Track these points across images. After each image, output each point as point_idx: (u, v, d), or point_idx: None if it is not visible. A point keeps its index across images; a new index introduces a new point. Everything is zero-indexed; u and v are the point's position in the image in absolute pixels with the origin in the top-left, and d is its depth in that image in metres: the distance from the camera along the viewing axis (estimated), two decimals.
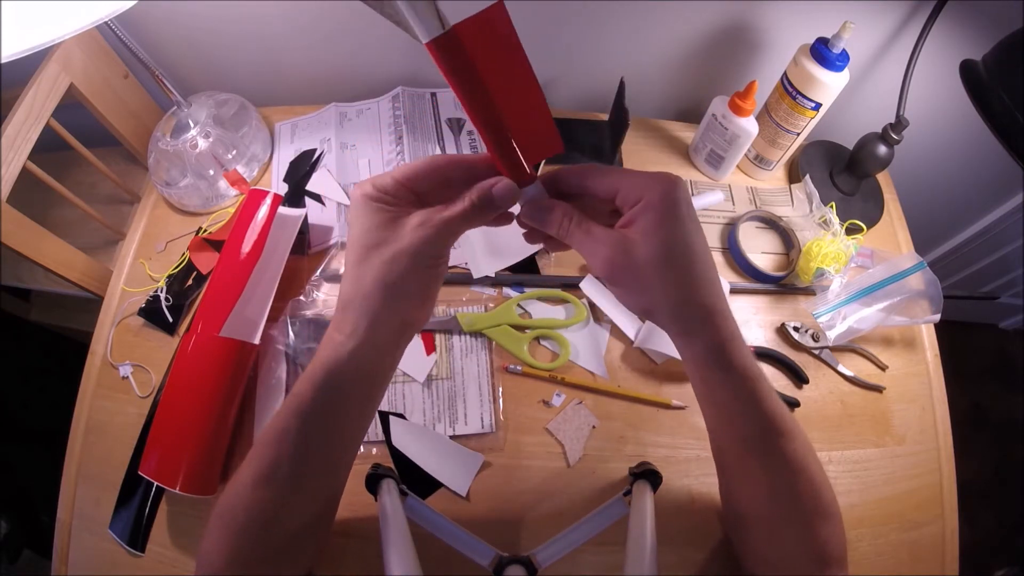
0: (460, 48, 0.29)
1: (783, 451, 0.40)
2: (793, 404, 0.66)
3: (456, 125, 0.80)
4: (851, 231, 0.73)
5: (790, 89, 0.69)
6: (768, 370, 0.68)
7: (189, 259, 0.69)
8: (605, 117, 0.84)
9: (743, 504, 0.47)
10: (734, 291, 0.71)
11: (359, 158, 0.77)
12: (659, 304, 0.35)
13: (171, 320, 0.66)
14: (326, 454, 0.40)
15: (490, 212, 0.34)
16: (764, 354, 0.68)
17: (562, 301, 0.69)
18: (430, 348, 0.66)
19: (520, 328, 0.66)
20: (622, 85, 0.76)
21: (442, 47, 0.29)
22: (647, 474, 0.54)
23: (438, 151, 0.77)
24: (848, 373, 0.68)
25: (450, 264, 0.69)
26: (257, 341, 0.61)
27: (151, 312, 0.66)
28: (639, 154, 0.82)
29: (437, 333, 0.66)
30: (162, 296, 0.66)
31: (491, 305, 0.68)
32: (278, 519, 0.39)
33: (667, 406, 0.64)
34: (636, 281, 0.34)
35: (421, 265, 0.34)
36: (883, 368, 0.69)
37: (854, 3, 0.68)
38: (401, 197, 0.35)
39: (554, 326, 0.67)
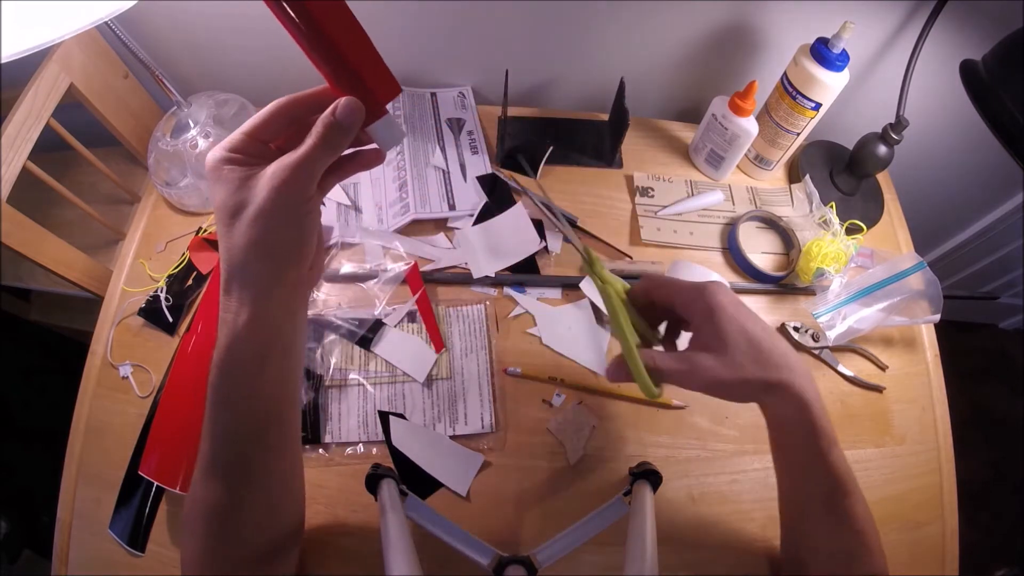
0: None
1: (848, 512, 0.43)
2: None
3: (456, 125, 0.80)
4: (851, 231, 0.73)
5: (790, 89, 0.69)
6: None
7: (189, 259, 0.69)
8: (605, 117, 0.84)
9: (802, 558, 0.49)
10: (734, 291, 0.71)
11: None
12: (747, 393, 0.42)
13: (171, 320, 0.66)
14: (257, 437, 0.39)
15: (340, 140, 0.33)
16: None
17: None
18: (439, 345, 0.65)
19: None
20: (622, 85, 0.76)
21: None
22: (647, 474, 0.54)
23: (438, 151, 0.77)
24: (848, 373, 0.68)
25: (450, 264, 0.70)
26: None
27: (151, 312, 0.66)
28: (639, 154, 0.82)
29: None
30: (162, 296, 0.66)
31: (489, 305, 0.68)
32: (233, 513, 0.39)
33: (667, 406, 0.64)
34: (724, 384, 0.41)
35: (286, 218, 0.32)
36: (883, 368, 0.69)
37: (854, 3, 0.68)
38: (254, 152, 0.34)
39: None
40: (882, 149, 0.71)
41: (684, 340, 0.46)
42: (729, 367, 0.40)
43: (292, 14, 0.31)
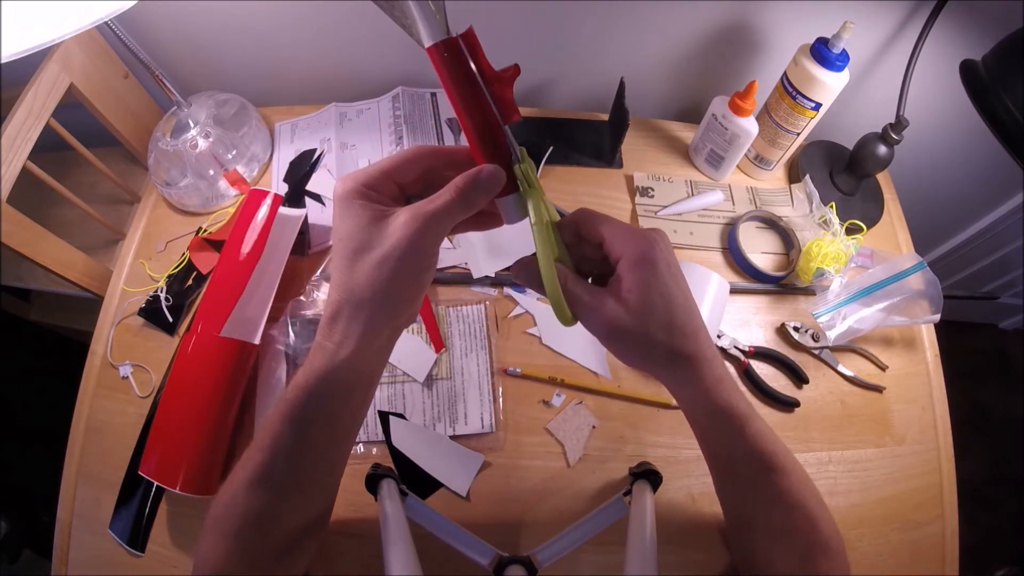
0: (461, 53, 0.31)
1: (777, 487, 0.40)
2: (793, 404, 0.66)
3: (456, 126, 0.80)
4: (851, 231, 0.73)
5: (790, 89, 0.69)
6: (768, 370, 0.68)
7: (189, 259, 0.69)
8: (605, 117, 0.84)
9: (743, 537, 0.47)
10: (734, 291, 0.71)
11: (359, 158, 0.77)
12: (647, 358, 0.37)
13: (171, 320, 0.66)
14: (319, 458, 0.40)
15: (476, 200, 0.33)
16: (764, 354, 0.68)
17: None
18: (439, 345, 0.65)
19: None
20: (622, 85, 0.76)
21: (445, 51, 0.31)
22: (647, 474, 0.54)
23: None
24: (848, 373, 0.68)
25: (450, 264, 0.70)
26: (257, 341, 0.61)
27: (151, 312, 0.66)
28: (639, 154, 0.82)
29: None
30: (162, 296, 0.66)
31: (489, 305, 0.68)
32: (273, 521, 0.39)
33: (667, 406, 0.64)
34: (626, 338, 0.36)
35: (411, 266, 0.33)
36: (883, 368, 0.69)
37: (854, 3, 0.68)
38: (386, 191, 0.34)
39: None
40: (882, 149, 0.71)
41: None
42: (634, 320, 0.35)
43: (466, 88, 0.32)
